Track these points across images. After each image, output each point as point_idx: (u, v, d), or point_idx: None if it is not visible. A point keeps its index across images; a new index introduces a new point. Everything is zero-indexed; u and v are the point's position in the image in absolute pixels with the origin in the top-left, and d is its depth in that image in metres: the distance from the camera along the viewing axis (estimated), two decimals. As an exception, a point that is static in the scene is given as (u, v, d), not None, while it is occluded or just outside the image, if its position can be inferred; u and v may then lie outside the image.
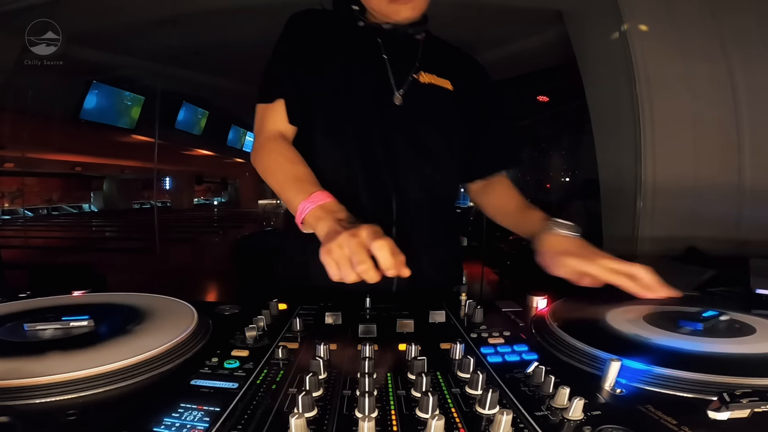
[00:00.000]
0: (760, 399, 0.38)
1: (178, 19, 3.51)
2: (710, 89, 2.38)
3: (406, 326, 0.64)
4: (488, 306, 0.72)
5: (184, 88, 6.36)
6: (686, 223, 2.38)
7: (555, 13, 3.09)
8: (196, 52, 4.59)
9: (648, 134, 2.42)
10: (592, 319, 0.64)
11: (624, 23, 2.44)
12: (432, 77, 0.96)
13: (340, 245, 0.64)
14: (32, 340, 0.56)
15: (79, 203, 13.76)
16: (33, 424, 0.40)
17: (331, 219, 0.71)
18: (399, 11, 0.89)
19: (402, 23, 0.92)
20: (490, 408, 0.41)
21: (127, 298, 0.71)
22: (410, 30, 0.95)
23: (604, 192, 2.86)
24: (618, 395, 0.44)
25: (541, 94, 5.93)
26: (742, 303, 0.77)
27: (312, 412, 0.41)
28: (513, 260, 4.02)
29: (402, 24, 0.93)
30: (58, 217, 12.37)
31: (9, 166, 6.97)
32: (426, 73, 0.96)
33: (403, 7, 0.88)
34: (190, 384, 0.47)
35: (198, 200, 16.25)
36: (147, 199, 14.01)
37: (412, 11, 0.90)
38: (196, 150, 9.57)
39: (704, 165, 2.39)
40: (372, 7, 0.92)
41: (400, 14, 0.89)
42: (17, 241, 6.62)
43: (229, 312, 0.71)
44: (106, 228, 10.15)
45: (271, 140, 0.89)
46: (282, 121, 0.90)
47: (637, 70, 2.42)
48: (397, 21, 0.92)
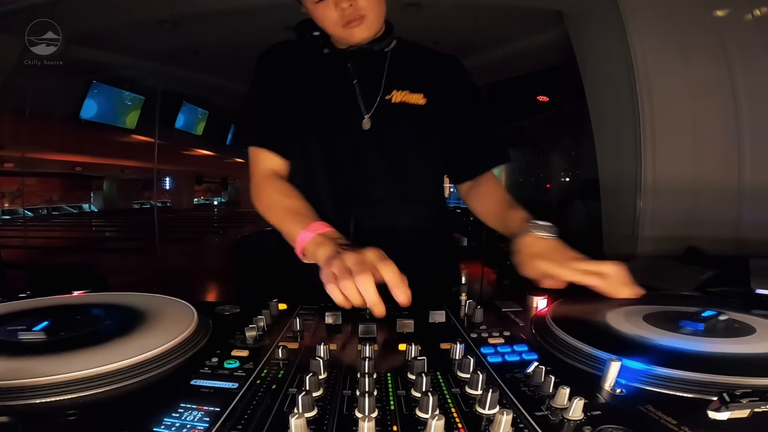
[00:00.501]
0: (760, 399, 0.38)
1: (178, 19, 3.51)
2: (710, 89, 2.38)
3: (406, 326, 0.64)
4: (488, 306, 0.72)
5: (184, 88, 6.36)
6: (686, 223, 2.38)
7: (555, 13, 3.09)
8: (196, 52, 4.59)
9: (648, 134, 2.42)
10: (592, 319, 0.64)
11: (624, 23, 2.44)
12: (404, 94, 0.95)
13: (342, 260, 0.65)
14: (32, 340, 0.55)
15: (79, 203, 13.77)
16: (33, 424, 0.40)
17: (331, 244, 0.73)
18: (354, 34, 0.87)
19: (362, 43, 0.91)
20: (490, 408, 0.41)
21: (127, 298, 0.71)
22: (375, 47, 0.94)
23: (604, 192, 2.86)
24: (618, 395, 0.44)
25: (541, 94, 5.94)
26: (742, 303, 0.77)
27: (312, 412, 0.41)
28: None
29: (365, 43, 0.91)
30: (58, 217, 12.38)
31: (9, 166, 6.97)
32: (398, 91, 0.95)
33: (356, 29, 0.87)
34: (190, 384, 0.47)
35: (198, 200, 16.26)
36: (147, 199, 14.02)
37: (367, 31, 0.88)
38: (196, 150, 9.57)
39: (704, 165, 2.39)
40: (329, 32, 0.91)
41: (356, 36, 0.88)
42: (17, 241, 6.62)
43: (229, 312, 0.71)
44: (106, 228, 10.16)
45: (264, 179, 0.94)
46: (271, 159, 0.95)
47: (637, 70, 2.42)
48: (356, 43, 0.91)
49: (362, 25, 0.86)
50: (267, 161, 0.96)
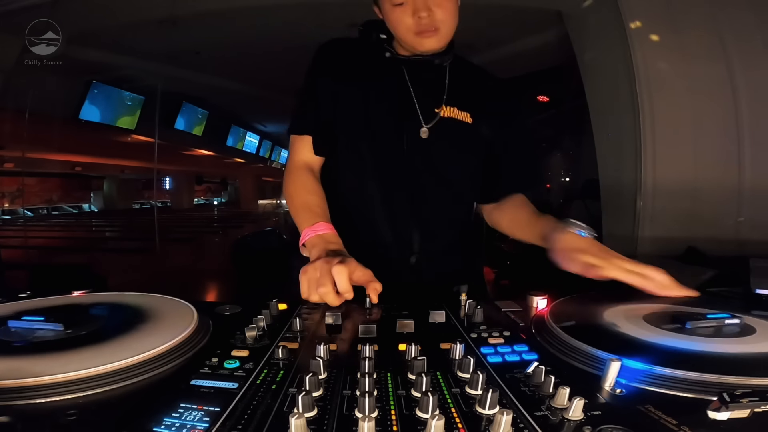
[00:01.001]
0: (760, 399, 0.38)
1: (178, 19, 3.51)
2: (710, 89, 2.38)
3: (406, 326, 0.64)
4: (488, 306, 0.72)
5: (184, 88, 6.36)
6: (686, 223, 2.38)
7: (555, 13, 3.09)
8: (196, 52, 4.59)
9: (648, 134, 2.42)
10: (591, 319, 0.64)
11: (624, 23, 2.44)
12: (453, 110, 0.97)
13: (315, 268, 0.74)
14: (32, 340, 0.55)
15: (79, 203, 13.76)
16: (33, 424, 0.40)
17: (322, 247, 0.81)
18: (424, 43, 0.89)
19: (428, 54, 0.93)
20: (490, 408, 0.41)
21: (127, 298, 0.71)
22: (436, 60, 0.95)
23: (604, 192, 2.86)
24: (618, 395, 0.44)
25: (541, 94, 5.93)
26: (742, 303, 0.77)
27: (312, 412, 0.41)
28: (513, 260, 4.02)
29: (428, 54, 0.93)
30: (58, 217, 12.38)
31: (9, 166, 6.98)
32: (447, 107, 0.96)
33: (428, 40, 0.88)
34: (190, 384, 0.47)
35: (198, 200, 16.26)
36: (147, 199, 14.02)
37: (437, 42, 0.90)
38: (196, 150, 9.57)
39: (704, 165, 2.38)
40: (399, 37, 0.92)
41: (425, 46, 0.90)
42: (17, 241, 6.62)
43: (229, 312, 0.71)
44: (106, 228, 10.15)
45: (297, 169, 0.99)
46: (308, 152, 0.99)
47: (637, 70, 2.42)
48: (422, 52, 0.92)
49: (435, 36, 0.88)
50: (303, 152, 1.00)
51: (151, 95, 6.01)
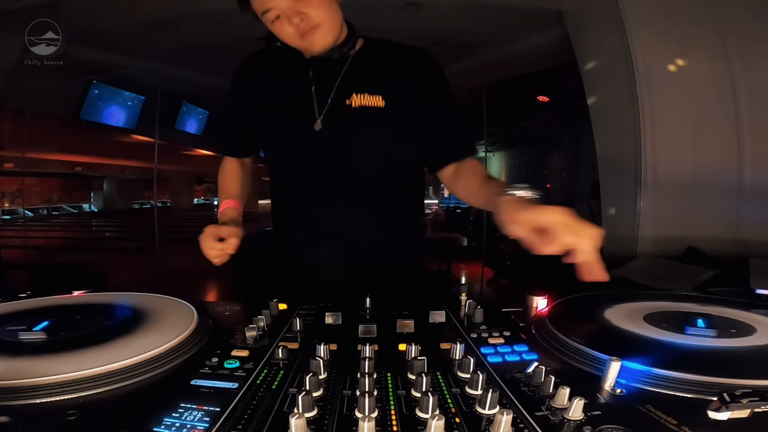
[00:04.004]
0: (760, 399, 0.38)
1: (178, 19, 3.51)
2: (710, 88, 2.38)
3: (406, 326, 0.64)
4: (488, 306, 0.72)
5: (184, 88, 6.35)
6: (686, 223, 2.38)
7: (555, 13, 3.09)
8: (196, 52, 4.58)
9: (648, 134, 2.42)
10: (592, 320, 0.64)
11: (624, 22, 2.44)
12: (363, 97, 0.97)
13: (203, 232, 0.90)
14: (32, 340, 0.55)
15: (79, 203, 13.77)
16: (33, 424, 0.40)
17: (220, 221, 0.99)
18: (313, 42, 0.89)
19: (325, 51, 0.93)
20: (490, 408, 0.41)
21: (127, 298, 0.71)
22: (335, 55, 0.95)
23: (604, 192, 2.86)
24: (618, 395, 0.44)
25: (541, 94, 5.94)
26: (742, 303, 0.77)
27: (312, 412, 0.41)
28: (513, 260, 4.02)
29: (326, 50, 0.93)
30: (58, 217, 12.38)
31: (9, 166, 6.98)
32: (358, 94, 0.97)
33: (314, 38, 0.89)
34: (190, 384, 0.47)
35: (198, 200, 16.25)
36: (147, 199, 14.02)
37: (324, 38, 0.90)
38: (196, 150, 9.56)
39: (704, 165, 2.38)
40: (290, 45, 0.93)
41: (316, 45, 0.90)
42: (17, 241, 6.63)
43: (229, 312, 0.71)
44: (106, 228, 10.16)
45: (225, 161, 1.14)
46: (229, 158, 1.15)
47: (637, 70, 2.42)
48: (318, 51, 0.92)
49: (318, 33, 0.88)
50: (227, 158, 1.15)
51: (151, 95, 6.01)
